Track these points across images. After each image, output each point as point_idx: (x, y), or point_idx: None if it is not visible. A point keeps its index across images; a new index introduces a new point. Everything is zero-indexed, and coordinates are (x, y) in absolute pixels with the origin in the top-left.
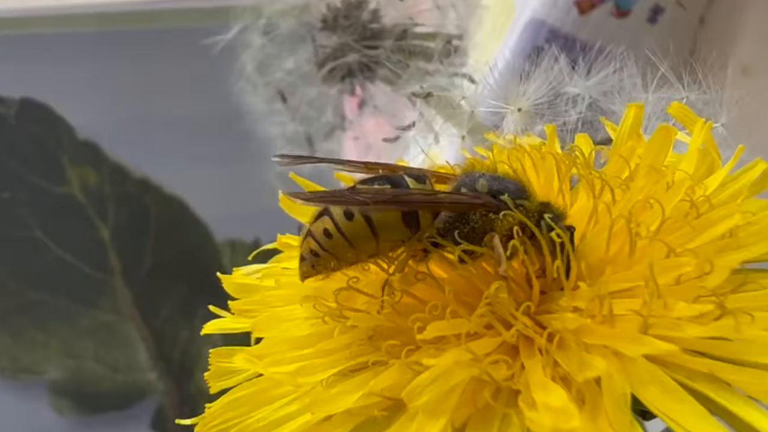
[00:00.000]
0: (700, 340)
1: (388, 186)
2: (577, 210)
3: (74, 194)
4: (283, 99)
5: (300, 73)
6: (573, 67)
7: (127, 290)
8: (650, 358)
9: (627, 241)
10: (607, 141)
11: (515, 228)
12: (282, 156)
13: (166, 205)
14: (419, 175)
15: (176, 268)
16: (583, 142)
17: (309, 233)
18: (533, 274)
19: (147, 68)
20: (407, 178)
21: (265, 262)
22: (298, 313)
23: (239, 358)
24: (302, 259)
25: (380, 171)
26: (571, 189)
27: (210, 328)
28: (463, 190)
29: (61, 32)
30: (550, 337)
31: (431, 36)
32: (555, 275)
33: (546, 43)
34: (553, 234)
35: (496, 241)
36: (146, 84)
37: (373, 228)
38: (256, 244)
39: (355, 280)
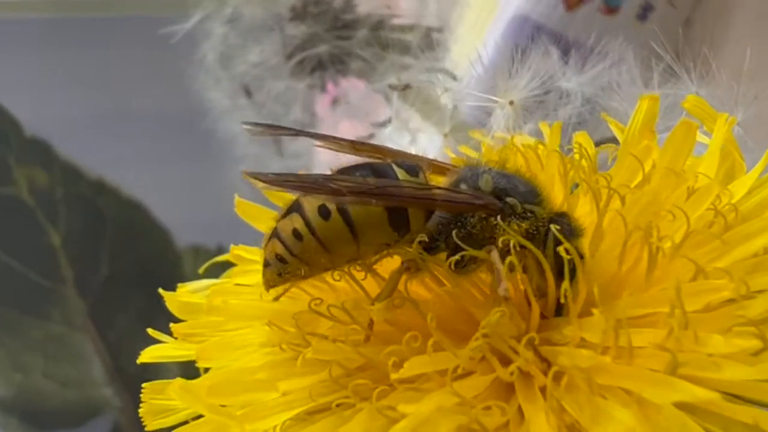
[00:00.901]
0: (743, 383)
1: (372, 176)
2: (580, 218)
3: (22, 196)
4: (248, 94)
5: (266, 66)
6: (565, 62)
7: (80, 300)
8: (679, 405)
9: (642, 258)
10: (608, 141)
11: (513, 241)
12: (253, 125)
13: (123, 209)
14: (411, 165)
15: (134, 276)
16: (583, 140)
17: (275, 233)
18: (532, 294)
19: (101, 59)
20: (396, 168)
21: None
22: (252, 339)
23: (174, 392)
24: (266, 264)
25: (369, 154)
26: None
27: (147, 356)
28: (463, 186)
29: (6, 18)
30: (557, 377)
31: (409, 28)
32: (561, 299)
33: (530, 40)
34: (560, 249)
35: (495, 255)
36: (100, 76)
37: (353, 229)
38: (221, 251)
39: (317, 302)
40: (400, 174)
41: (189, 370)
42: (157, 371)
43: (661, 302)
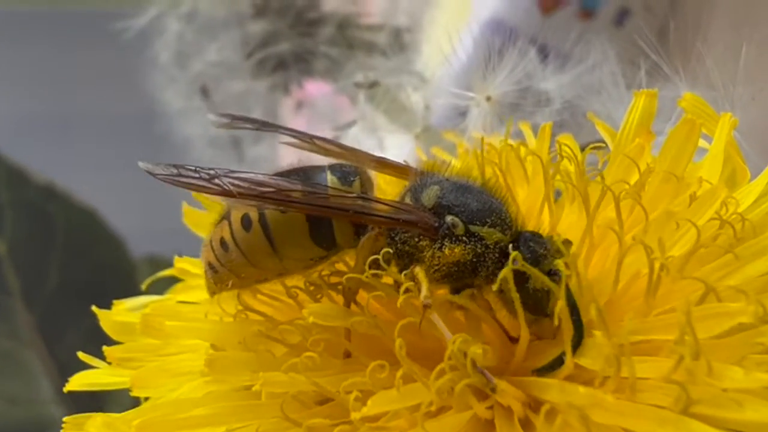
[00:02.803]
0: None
1: (300, 181)
2: (567, 228)
3: None
4: (205, 95)
5: (225, 65)
6: (544, 63)
7: (28, 313)
8: None
9: (640, 275)
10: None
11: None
12: (219, 115)
13: (73, 216)
14: (348, 172)
15: (86, 288)
16: (568, 143)
17: (209, 241)
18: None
19: (49, 57)
20: (329, 174)
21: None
22: (193, 366)
23: (94, 426)
24: (205, 271)
25: (335, 153)
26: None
27: (76, 383)
28: (408, 197)
29: None
30: (550, 416)
31: (378, 27)
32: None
33: (506, 42)
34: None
35: (418, 272)
36: (49, 75)
37: (272, 241)
38: None
39: (269, 327)
40: (331, 180)
41: None
42: (108, 393)
43: (666, 327)
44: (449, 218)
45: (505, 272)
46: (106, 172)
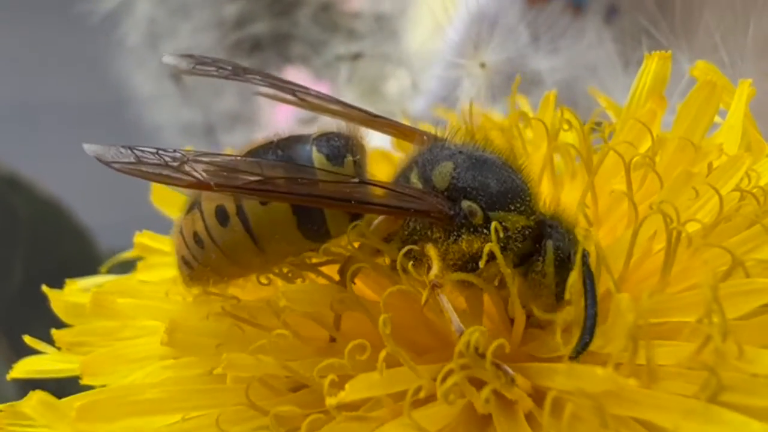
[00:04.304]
0: None
1: (280, 162)
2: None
3: None
4: (176, 79)
5: (198, 47)
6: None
7: None
8: None
9: (652, 250)
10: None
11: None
12: (179, 57)
13: (38, 208)
14: (337, 147)
15: (52, 283)
16: (570, 117)
17: (179, 229)
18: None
19: (11, 41)
20: (315, 152)
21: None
22: (152, 350)
23: (33, 410)
24: (178, 265)
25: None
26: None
27: (20, 371)
28: (414, 175)
29: None
30: (557, 405)
31: (359, 12)
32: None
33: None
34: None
35: (430, 249)
36: (10, 60)
37: (254, 237)
38: None
39: (234, 302)
40: (318, 160)
41: None
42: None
43: (686, 307)
44: (466, 204)
45: (548, 266)
46: (72, 162)
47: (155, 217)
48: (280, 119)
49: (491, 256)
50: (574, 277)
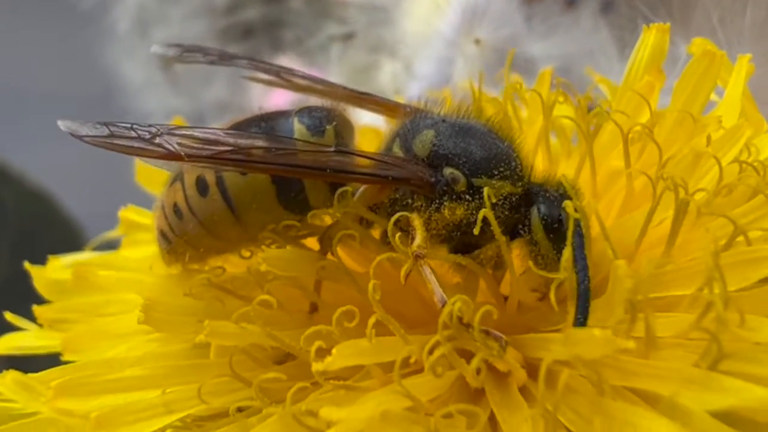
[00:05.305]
0: None
1: (262, 134)
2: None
3: None
4: (166, 67)
5: (189, 34)
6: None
7: None
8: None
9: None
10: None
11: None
12: (166, 46)
13: (27, 199)
14: (317, 118)
15: None
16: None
17: (161, 203)
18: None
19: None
20: (296, 122)
21: None
22: (135, 325)
23: (7, 388)
24: (157, 239)
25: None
26: None
27: (1, 347)
28: (395, 147)
29: None
30: (552, 378)
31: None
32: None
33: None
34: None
35: (414, 219)
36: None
37: (233, 207)
38: None
39: (219, 272)
40: (298, 130)
41: None
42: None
43: (686, 279)
44: (448, 171)
45: (536, 233)
46: (60, 152)
47: (143, 208)
48: (271, 108)
49: (484, 230)
50: (567, 249)
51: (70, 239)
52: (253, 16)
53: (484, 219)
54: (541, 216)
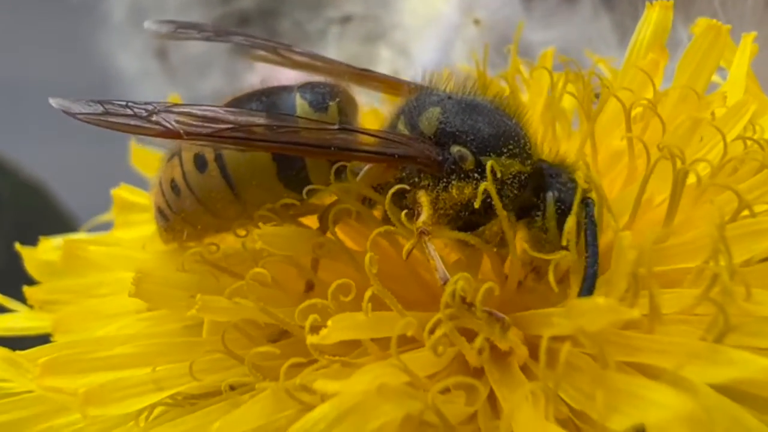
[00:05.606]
0: None
1: (263, 110)
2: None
3: None
4: (162, 57)
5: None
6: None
7: None
8: (719, 389)
9: (650, 205)
10: None
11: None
12: (160, 23)
13: (21, 192)
14: (321, 94)
15: None
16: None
17: (158, 179)
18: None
19: None
20: (299, 98)
21: None
22: (127, 304)
23: None
24: (155, 217)
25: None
26: None
27: None
28: (401, 122)
29: None
30: (552, 355)
31: None
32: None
33: None
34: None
35: (421, 196)
36: None
37: (232, 184)
38: None
39: (213, 249)
40: (300, 107)
41: None
42: None
43: (690, 253)
44: (455, 149)
45: (549, 220)
46: (55, 145)
47: None
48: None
49: (487, 206)
50: (572, 225)
51: (63, 230)
52: (248, 5)
53: (490, 196)
54: (555, 201)
